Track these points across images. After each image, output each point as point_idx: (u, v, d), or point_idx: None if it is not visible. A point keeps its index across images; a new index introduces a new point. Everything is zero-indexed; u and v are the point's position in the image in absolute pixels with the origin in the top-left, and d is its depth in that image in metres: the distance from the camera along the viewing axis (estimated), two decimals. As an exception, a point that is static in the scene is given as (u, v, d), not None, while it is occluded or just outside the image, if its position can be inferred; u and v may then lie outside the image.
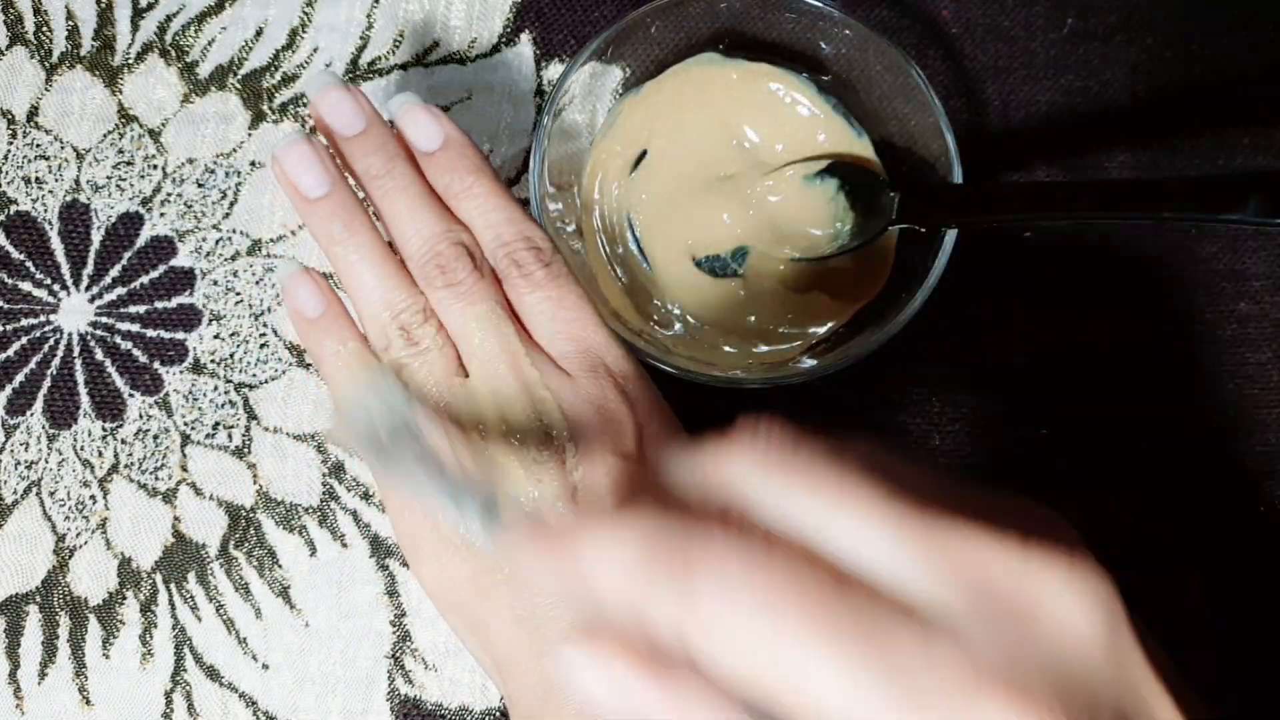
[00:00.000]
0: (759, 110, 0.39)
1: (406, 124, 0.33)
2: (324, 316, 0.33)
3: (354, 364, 0.33)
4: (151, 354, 0.40)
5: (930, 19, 0.42)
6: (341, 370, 0.33)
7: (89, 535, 0.39)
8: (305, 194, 0.33)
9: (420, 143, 0.33)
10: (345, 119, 0.33)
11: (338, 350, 0.33)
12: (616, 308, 0.38)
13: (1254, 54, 0.41)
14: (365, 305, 0.32)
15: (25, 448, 0.40)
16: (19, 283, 0.41)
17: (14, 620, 0.38)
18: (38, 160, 0.42)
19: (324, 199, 0.33)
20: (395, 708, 0.38)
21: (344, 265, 0.33)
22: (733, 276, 0.38)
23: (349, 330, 0.33)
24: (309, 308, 0.33)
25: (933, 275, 0.34)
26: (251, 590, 0.38)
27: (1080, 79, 0.41)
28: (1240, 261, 0.40)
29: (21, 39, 0.42)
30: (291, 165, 0.33)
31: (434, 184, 0.33)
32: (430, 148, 0.33)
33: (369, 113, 0.33)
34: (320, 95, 0.33)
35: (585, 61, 0.36)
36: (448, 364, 0.32)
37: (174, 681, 0.38)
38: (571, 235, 0.38)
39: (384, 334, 0.32)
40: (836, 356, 0.34)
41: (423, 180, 0.33)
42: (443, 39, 0.42)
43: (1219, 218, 0.28)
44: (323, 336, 0.33)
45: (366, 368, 0.32)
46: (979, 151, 0.40)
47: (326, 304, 0.33)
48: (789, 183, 0.38)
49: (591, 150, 0.39)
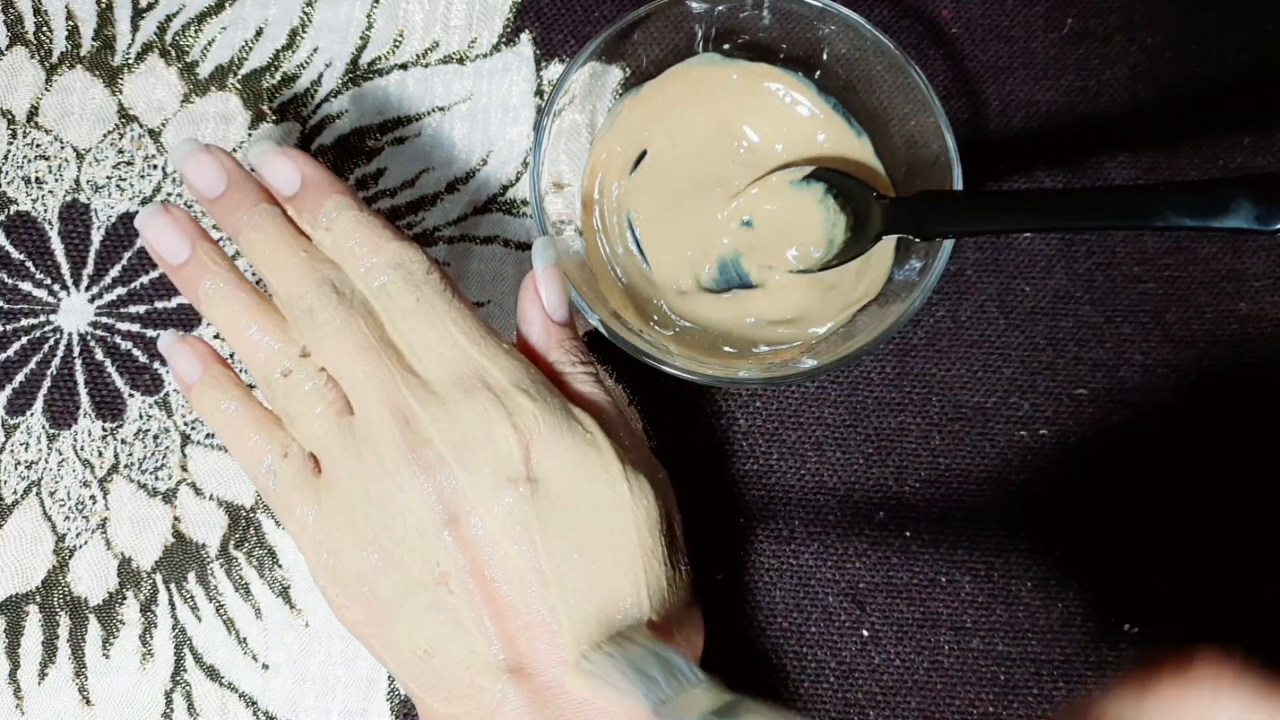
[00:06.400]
0: (759, 110, 0.39)
1: (265, 172, 0.34)
2: (203, 379, 0.34)
3: (241, 421, 0.33)
4: (151, 354, 0.40)
5: (930, 19, 0.42)
6: (230, 428, 0.33)
7: (89, 535, 0.39)
8: (170, 260, 0.34)
9: (281, 187, 0.34)
10: (207, 181, 0.34)
11: (225, 408, 0.33)
12: (616, 308, 0.38)
13: (1254, 54, 0.41)
14: (244, 356, 0.33)
15: (25, 448, 0.40)
16: (19, 283, 0.41)
17: (14, 620, 0.38)
18: (38, 160, 0.42)
19: (187, 262, 0.33)
20: (395, 708, 0.38)
21: (219, 321, 0.33)
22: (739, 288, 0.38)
23: (231, 388, 0.34)
24: (188, 374, 0.34)
25: (932, 275, 0.34)
26: (251, 590, 0.38)
27: (1080, 79, 0.41)
28: (1240, 261, 0.40)
29: (21, 39, 0.42)
30: (152, 236, 0.34)
31: (300, 225, 0.33)
32: (290, 191, 0.34)
33: (229, 171, 0.34)
34: (183, 161, 0.34)
35: (585, 61, 0.36)
36: (329, 404, 0.32)
37: (174, 681, 0.38)
38: (571, 235, 0.38)
39: (269, 383, 0.32)
40: (836, 356, 0.34)
41: (288, 225, 0.33)
42: (443, 39, 0.42)
43: (1210, 225, 0.27)
44: (207, 399, 0.33)
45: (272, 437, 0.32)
46: (979, 151, 0.40)
47: (204, 366, 0.34)
48: (775, 188, 0.38)
49: (591, 150, 0.39)
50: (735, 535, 0.38)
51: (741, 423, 0.39)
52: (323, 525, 0.31)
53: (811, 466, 0.39)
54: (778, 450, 0.39)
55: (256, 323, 0.32)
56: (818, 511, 0.38)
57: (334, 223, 0.33)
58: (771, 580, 0.38)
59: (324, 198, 0.33)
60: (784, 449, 0.39)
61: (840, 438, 0.39)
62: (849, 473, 0.38)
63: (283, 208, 0.34)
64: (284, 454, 0.32)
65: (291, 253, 0.32)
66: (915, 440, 0.39)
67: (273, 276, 0.32)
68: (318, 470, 0.32)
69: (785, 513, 0.38)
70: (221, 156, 0.34)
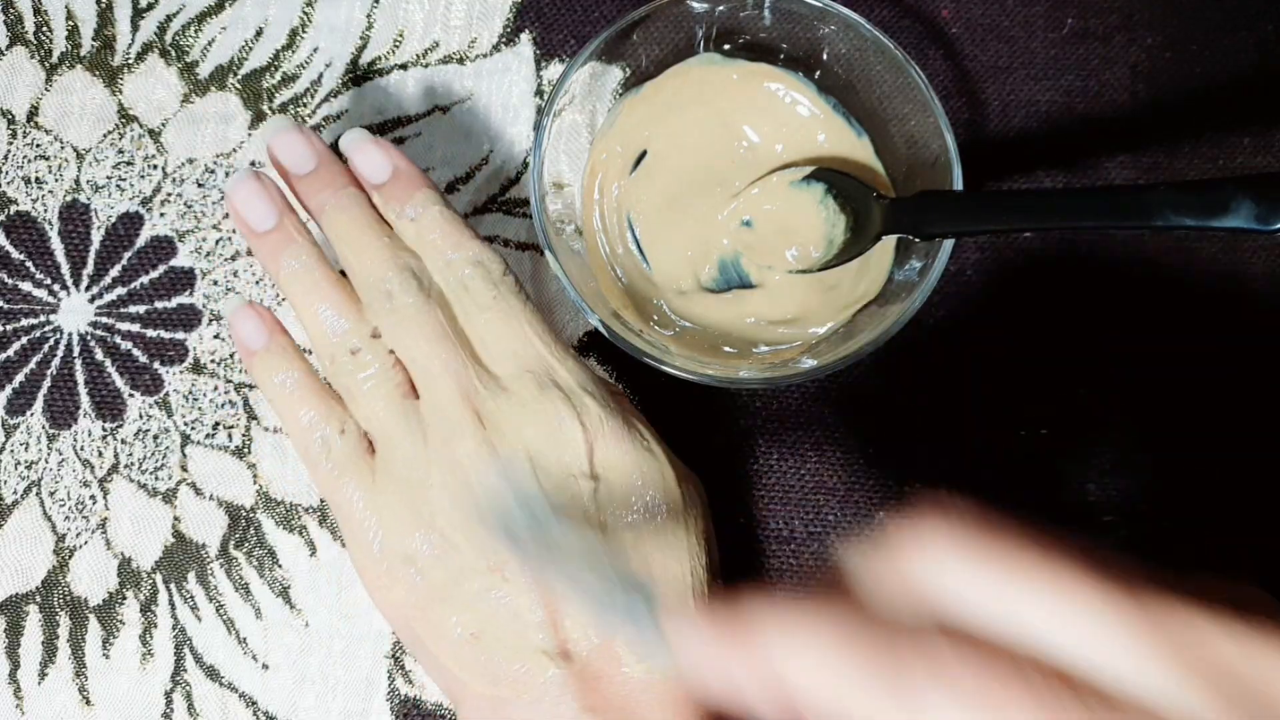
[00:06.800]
0: (759, 110, 0.39)
1: (357, 158, 0.35)
2: (268, 348, 0.34)
3: (300, 392, 0.33)
4: (151, 354, 0.40)
5: (930, 19, 0.42)
6: (289, 399, 0.33)
7: (89, 535, 0.39)
8: (254, 227, 0.34)
9: (371, 175, 0.35)
10: (297, 158, 0.35)
11: (283, 380, 0.33)
12: (616, 308, 0.38)
13: (1254, 54, 0.41)
14: (314, 331, 0.33)
15: (25, 448, 0.40)
16: (19, 283, 0.41)
17: (14, 620, 0.38)
18: (38, 160, 0.42)
19: (271, 231, 0.34)
20: (395, 708, 0.38)
21: (293, 294, 0.33)
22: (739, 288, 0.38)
23: (294, 360, 0.34)
24: (252, 340, 0.34)
25: (932, 275, 0.34)
26: (251, 590, 0.38)
27: (1080, 79, 0.41)
28: (1240, 261, 0.40)
29: (21, 39, 0.42)
30: (241, 201, 0.34)
31: (384, 213, 0.34)
32: (380, 179, 0.34)
33: (320, 151, 0.35)
34: (275, 137, 0.35)
35: (585, 61, 0.36)
36: (397, 386, 0.32)
37: (174, 681, 0.38)
38: (571, 235, 0.38)
39: (333, 359, 0.33)
40: (836, 356, 0.34)
41: (372, 211, 0.34)
42: (443, 39, 0.42)
43: (1210, 225, 0.27)
44: (268, 367, 0.34)
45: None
46: (979, 151, 0.40)
47: (269, 336, 0.34)
48: (775, 188, 0.38)
49: (591, 150, 0.39)
50: (735, 535, 0.38)
51: (741, 423, 0.39)
52: (373, 506, 0.32)
53: (811, 466, 0.39)
54: (778, 450, 0.39)
55: (331, 299, 0.33)
56: (818, 511, 0.38)
57: (421, 215, 0.33)
58: (771, 580, 0.38)
59: (414, 190, 0.34)
60: (784, 449, 0.39)
61: (840, 438, 0.39)
62: (849, 473, 0.38)
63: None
64: (341, 430, 0.32)
65: (376, 236, 0.33)
66: (915, 440, 0.39)
67: (354, 258, 0.33)
68: (371, 451, 0.32)
69: (785, 513, 0.38)
70: (312, 136, 0.35)
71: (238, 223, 0.34)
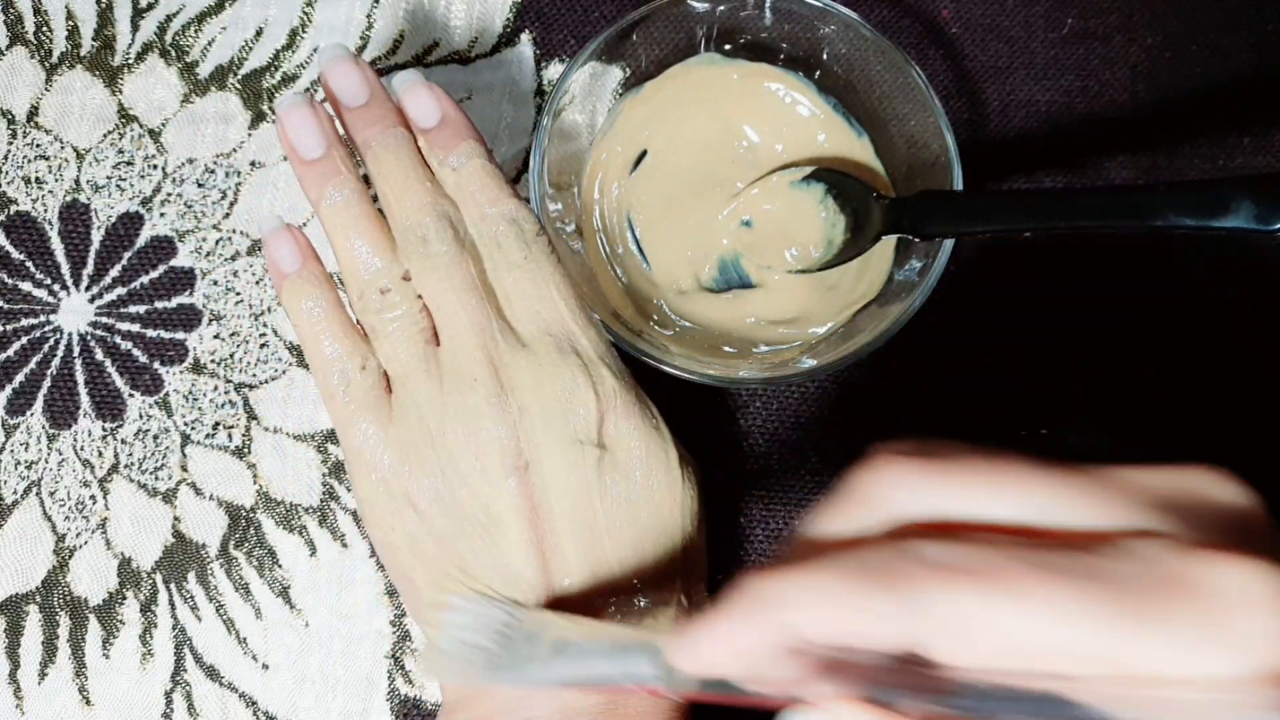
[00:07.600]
0: (759, 110, 0.39)
1: (408, 100, 0.34)
2: (300, 273, 0.34)
3: (327, 322, 0.33)
4: (151, 354, 0.40)
5: (930, 19, 0.42)
6: (315, 326, 0.33)
7: (89, 535, 0.39)
8: (302, 155, 0.34)
9: (419, 119, 0.34)
10: (351, 90, 0.34)
11: (311, 308, 0.33)
12: (616, 308, 0.38)
13: (1254, 54, 0.41)
14: (347, 266, 0.33)
15: (25, 448, 0.40)
16: (19, 283, 0.41)
17: (14, 620, 0.38)
18: (38, 160, 0.42)
19: (319, 160, 0.34)
20: (395, 708, 0.38)
21: (331, 226, 0.33)
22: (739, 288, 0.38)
23: (325, 289, 0.34)
24: (286, 263, 0.34)
25: (932, 275, 0.34)
26: (251, 590, 0.38)
27: (1080, 79, 0.41)
28: (1240, 261, 0.39)
29: (21, 39, 0.42)
30: (293, 126, 0.34)
31: (428, 159, 0.34)
32: (428, 124, 0.34)
33: (374, 86, 0.35)
34: (330, 65, 0.35)
35: (585, 61, 0.36)
36: (421, 330, 0.32)
37: (174, 681, 0.38)
38: (571, 235, 0.38)
39: (362, 295, 0.33)
40: (836, 356, 0.34)
41: (418, 154, 0.34)
42: (443, 39, 0.42)
43: (1210, 225, 0.27)
44: (298, 292, 0.33)
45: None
46: (979, 151, 0.40)
47: (303, 261, 0.34)
48: (775, 188, 0.38)
49: (591, 150, 0.39)
50: (735, 535, 0.38)
51: (741, 423, 0.39)
52: (383, 444, 0.32)
53: (811, 466, 0.39)
54: (778, 450, 0.39)
55: (369, 236, 0.33)
56: (818, 511, 0.38)
57: (464, 165, 0.33)
58: (771, 580, 0.38)
59: (461, 139, 0.34)
60: (784, 449, 0.39)
61: (840, 438, 0.39)
62: (849, 473, 0.38)
63: None
64: (362, 366, 0.32)
65: (419, 179, 0.33)
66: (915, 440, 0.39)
67: (395, 198, 0.33)
68: (388, 390, 0.32)
69: (785, 513, 0.38)
70: (367, 69, 0.35)
71: (286, 148, 0.34)
